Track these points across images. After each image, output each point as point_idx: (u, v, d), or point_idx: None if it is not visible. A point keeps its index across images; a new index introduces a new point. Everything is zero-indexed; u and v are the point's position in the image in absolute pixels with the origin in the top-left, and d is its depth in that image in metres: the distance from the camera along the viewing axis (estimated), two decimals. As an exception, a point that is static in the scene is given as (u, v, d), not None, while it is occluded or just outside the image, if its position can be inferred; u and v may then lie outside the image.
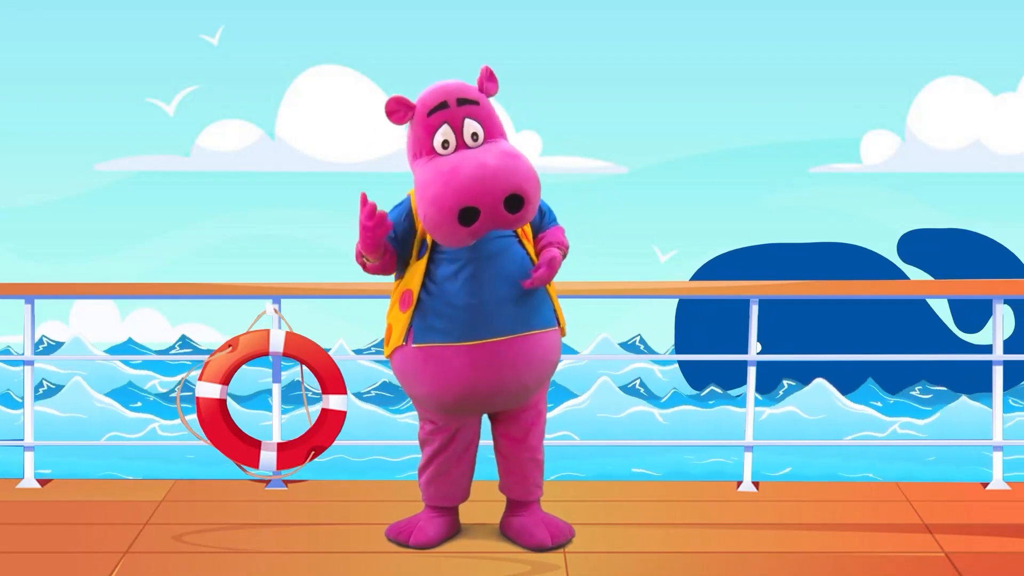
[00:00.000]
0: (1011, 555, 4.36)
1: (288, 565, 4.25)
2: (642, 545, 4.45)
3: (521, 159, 3.98)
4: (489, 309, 4.09)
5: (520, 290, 4.13)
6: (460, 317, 4.10)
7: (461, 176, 3.88)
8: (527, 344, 4.16)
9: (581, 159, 10.23)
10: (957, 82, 10.40)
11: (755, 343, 5.34)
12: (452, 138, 4.02)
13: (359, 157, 10.36)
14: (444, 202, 3.87)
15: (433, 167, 3.96)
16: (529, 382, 4.22)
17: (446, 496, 4.42)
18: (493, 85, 4.11)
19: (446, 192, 3.88)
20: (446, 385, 4.16)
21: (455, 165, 3.92)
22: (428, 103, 4.04)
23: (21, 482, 5.26)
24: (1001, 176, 10.39)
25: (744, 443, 5.33)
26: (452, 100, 4.02)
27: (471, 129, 4.02)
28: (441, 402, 4.22)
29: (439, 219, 3.90)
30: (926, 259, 10.16)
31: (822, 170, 10.40)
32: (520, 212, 3.92)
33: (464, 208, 3.86)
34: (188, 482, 5.25)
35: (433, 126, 4.02)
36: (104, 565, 4.23)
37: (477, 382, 4.14)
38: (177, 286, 5.80)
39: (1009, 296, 5.35)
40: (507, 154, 3.96)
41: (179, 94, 10.31)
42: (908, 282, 9.05)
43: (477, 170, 3.89)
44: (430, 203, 3.90)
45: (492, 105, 4.11)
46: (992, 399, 5.38)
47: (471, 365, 4.12)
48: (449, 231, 3.91)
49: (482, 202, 3.87)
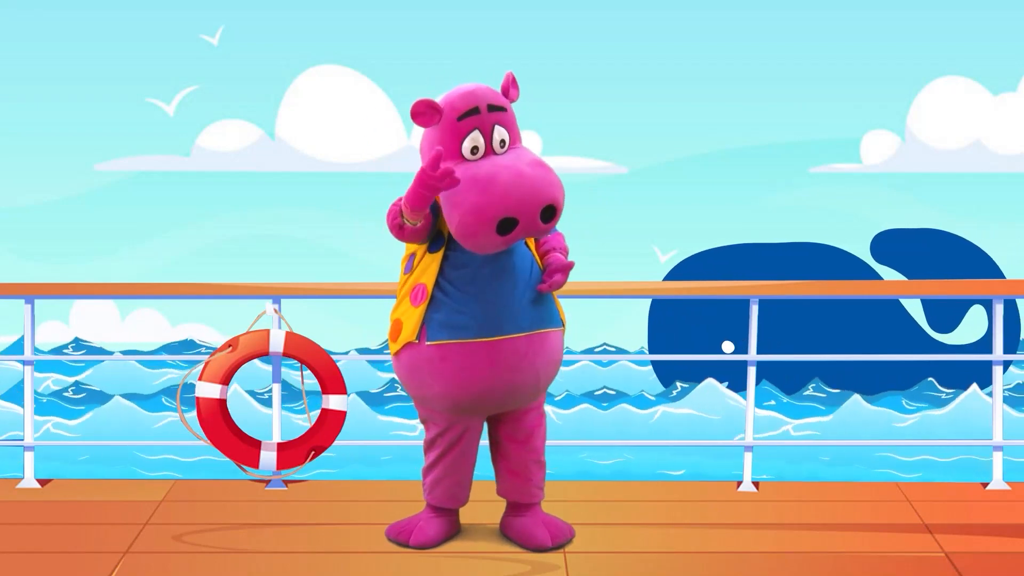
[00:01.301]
0: (1011, 555, 4.36)
1: (288, 565, 4.25)
2: (642, 545, 4.45)
3: (551, 168, 3.99)
4: (508, 306, 4.07)
5: (531, 289, 4.12)
6: (481, 313, 4.05)
7: (501, 185, 3.86)
8: (543, 342, 4.16)
9: (581, 159, 10.24)
10: (957, 82, 10.41)
11: (754, 343, 5.34)
12: (482, 144, 3.99)
13: (359, 157, 10.36)
14: (486, 212, 3.84)
15: (471, 173, 3.91)
16: (542, 380, 4.22)
17: (452, 498, 4.41)
18: (516, 91, 4.10)
19: (489, 201, 3.84)
20: (464, 383, 4.11)
21: (492, 174, 3.89)
22: (459, 107, 4.00)
23: (21, 482, 5.26)
24: (1001, 176, 10.40)
25: (744, 443, 5.33)
26: (483, 106, 3.99)
27: (500, 136, 4.00)
28: (456, 402, 4.16)
29: (477, 228, 3.86)
30: (899, 259, 10.16)
31: (822, 170, 10.41)
32: (552, 222, 3.94)
33: (504, 219, 3.85)
34: (188, 482, 5.25)
35: (463, 131, 3.98)
36: (104, 565, 4.23)
37: (496, 380, 4.10)
38: (177, 286, 5.80)
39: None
40: (539, 163, 3.97)
41: (179, 94, 10.32)
42: (907, 282, 9.05)
43: (516, 179, 3.87)
44: (469, 211, 3.86)
45: (513, 111, 4.10)
46: (992, 399, 5.38)
47: (492, 362, 4.08)
48: (485, 240, 3.88)
49: (521, 213, 3.85)
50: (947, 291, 5.83)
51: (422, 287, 4.10)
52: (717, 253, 10.21)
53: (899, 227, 10.26)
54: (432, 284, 4.09)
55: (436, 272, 4.08)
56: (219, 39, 10.31)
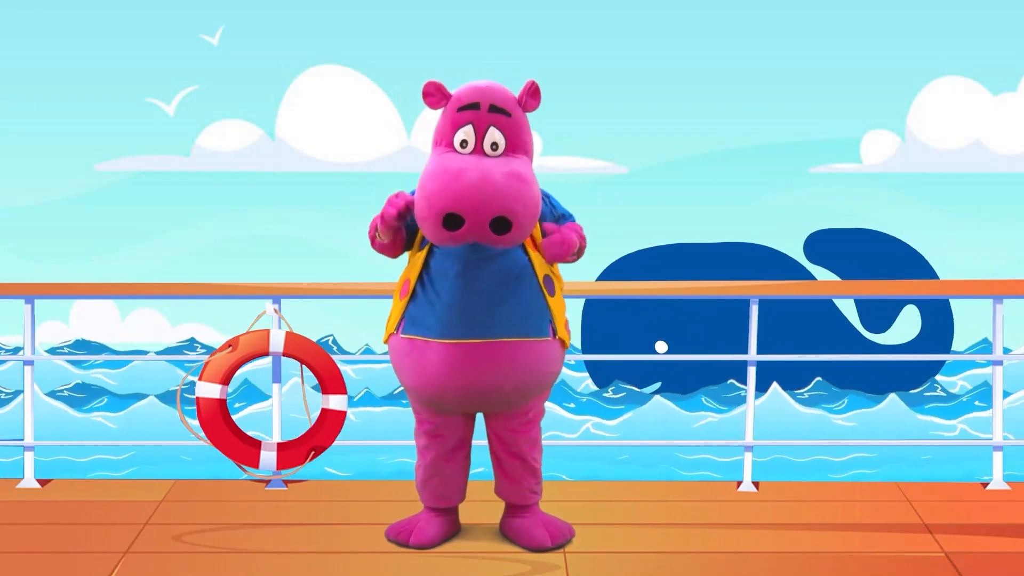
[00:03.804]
0: (1011, 555, 4.36)
1: (288, 565, 4.25)
2: (642, 545, 4.45)
3: (528, 185, 3.92)
4: (473, 310, 4.08)
5: (513, 295, 4.10)
6: (443, 314, 4.09)
7: (462, 182, 3.86)
8: (508, 350, 4.11)
9: (581, 159, 10.22)
10: (957, 82, 10.40)
11: (754, 343, 5.34)
12: (472, 140, 4.00)
13: (359, 157, 10.36)
14: (436, 201, 3.86)
15: (442, 162, 3.93)
16: (507, 388, 4.17)
17: (441, 497, 4.42)
18: (533, 101, 4.06)
19: (442, 193, 3.86)
20: (421, 380, 4.18)
21: (462, 168, 3.89)
22: (461, 99, 4.03)
23: (21, 482, 5.26)
24: (1001, 176, 10.39)
25: (744, 443, 5.34)
26: (485, 104, 4.00)
27: (493, 138, 4.00)
28: (419, 396, 4.26)
29: (426, 215, 3.89)
30: (832, 259, 10.13)
31: (822, 170, 10.40)
32: (505, 235, 3.88)
33: (450, 214, 3.85)
34: (188, 482, 5.26)
35: (458, 123, 4.01)
36: (104, 565, 4.23)
37: (449, 381, 4.13)
38: (177, 286, 5.80)
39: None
40: (516, 175, 3.91)
41: (179, 94, 10.31)
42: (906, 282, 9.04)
43: (479, 182, 3.86)
44: (424, 197, 3.90)
45: (526, 121, 4.06)
46: (992, 399, 5.38)
47: (444, 363, 4.11)
48: (431, 230, 3.90)
49: (470, 214, 3.84)
50: (947, 291, 5.83)
51: (408, 282, 4.20)
52: (649, 253, 10.15)
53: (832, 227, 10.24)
54: (415, 279, 4.16)
55: (420, 268, 4.15)
56: (219, 39, 10.30)
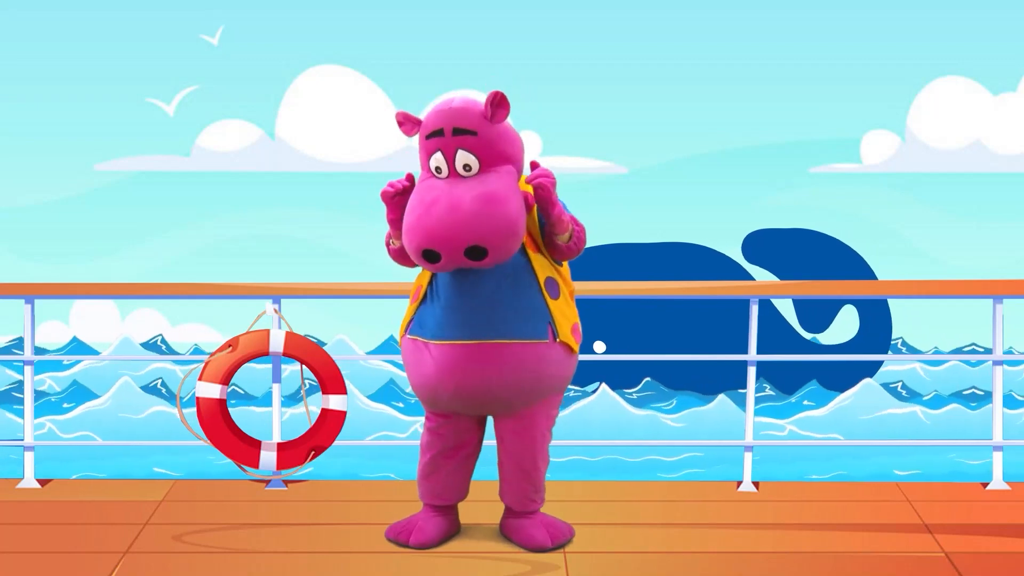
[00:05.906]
0: (1011, 555, 4.36)
1: (288, 565, 4.25)
2: (642, 545, 4.45)
3: (501, 204, 3.89)
4: (468, 312, 4.09)
5: (510, 297, 4.10)
6: (441, 316, 4.13)
7: (432, 217, 3.89)
8: (500, 352, 4.10)
9: (581, 159, 10.23)
10: (957, 82, 10.41)
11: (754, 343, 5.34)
12: (444, 166, 4.01)
13: (359, 157, 10.36)
14: (412, 238, 3.93)
15: (419, 193, 4.00)
16: (500, 391, 4.15)
17: (437, 494, 4.42)
18: (501, 112, 3.99)
19: (415, 229, 3.92)
20: (422, 379, 4.22)
21: (434, 200, 3.93)
22: (427, 127, 4.04)
23: (21, 482, 5.26)
24: (1001, 176, 10.40)
25: (744, 443, 5.34)
26: (448, 128, 3.98)
27: (463, 160, 3.99)
28: (422, 395, 4.31)
29: (408, 249, 3.98)
30: (770, 259, 10.12)
31: (822, 170, 10.40)
32: (483, 260, 3.90)
33: (427, 250, 3.90)
34: (188, 482, 5.26)
35: (429, 150, 4.04)
36: (104, 565, 4.23)
37: (443, 381, 4.16)
38: (177, 286, 5.81)
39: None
40: (487, 197, 3.89)
41: (179, 94, 10.32)
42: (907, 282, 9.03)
43: (447, 215, 3.88)
44: (405, 232, 3.97)
45: (501, 130, 4.01)
46: (992, 399, 5.38)
47: (437, 364, 4.14)
48: (419, 262, 3.99)
49: (443, 248, 3.88)
50: (946, 291, 5.82)
51: (420, 287, 4.25)
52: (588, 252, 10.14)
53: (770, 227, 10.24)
54: (426, 284, 4.22)
55: (430, 273, 4.21)
56: (219, 39, 10.31)
